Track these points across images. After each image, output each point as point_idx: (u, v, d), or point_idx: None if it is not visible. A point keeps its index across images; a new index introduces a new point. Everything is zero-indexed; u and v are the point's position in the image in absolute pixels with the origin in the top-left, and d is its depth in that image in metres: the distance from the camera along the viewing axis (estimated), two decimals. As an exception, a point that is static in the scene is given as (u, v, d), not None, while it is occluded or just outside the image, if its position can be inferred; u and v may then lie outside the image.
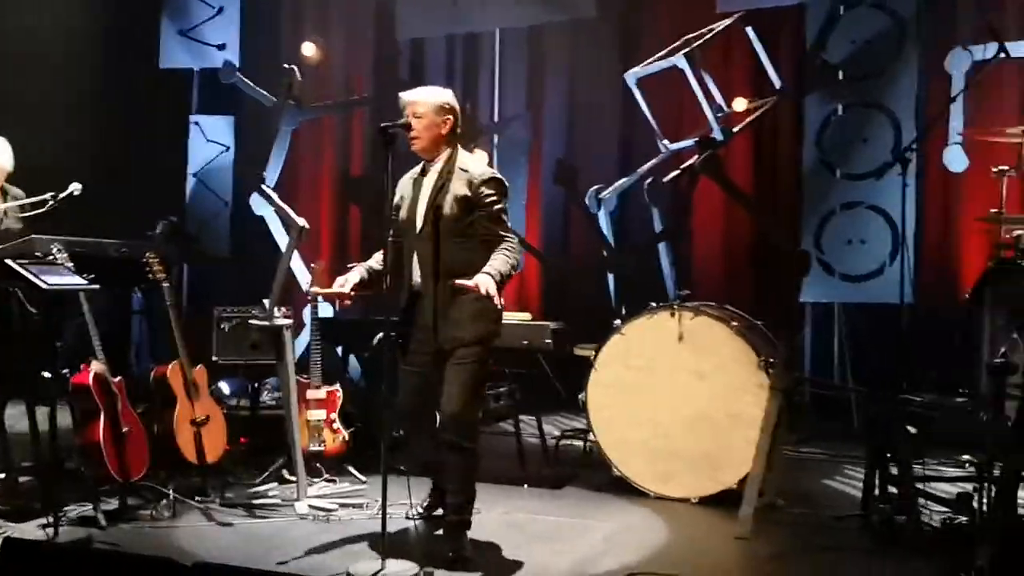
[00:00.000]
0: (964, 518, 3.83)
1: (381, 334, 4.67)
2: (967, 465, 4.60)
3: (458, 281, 3.53)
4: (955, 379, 4.43)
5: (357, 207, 8.24)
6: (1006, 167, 4.43)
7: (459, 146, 3.85)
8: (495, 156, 7.89)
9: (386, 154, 3.71)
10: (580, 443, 5.45)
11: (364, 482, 4.74)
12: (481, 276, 3.48)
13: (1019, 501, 3.59)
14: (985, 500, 3.60)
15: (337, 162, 8.37)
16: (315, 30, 8.06)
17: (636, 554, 3.83)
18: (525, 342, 5.27)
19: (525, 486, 4.86)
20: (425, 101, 3.76)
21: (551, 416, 6.33)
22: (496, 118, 8.11)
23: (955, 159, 6.12)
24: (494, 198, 3.70)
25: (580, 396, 4.92)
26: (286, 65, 7.12)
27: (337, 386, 5.05)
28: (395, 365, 3.87)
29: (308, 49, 7.72)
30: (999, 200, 4.47)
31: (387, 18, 8.24)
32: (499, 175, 3.82)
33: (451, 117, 3.79)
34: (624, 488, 4.71)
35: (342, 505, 4.38)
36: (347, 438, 4.97)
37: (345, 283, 3.84)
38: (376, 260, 3.93)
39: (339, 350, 6.19)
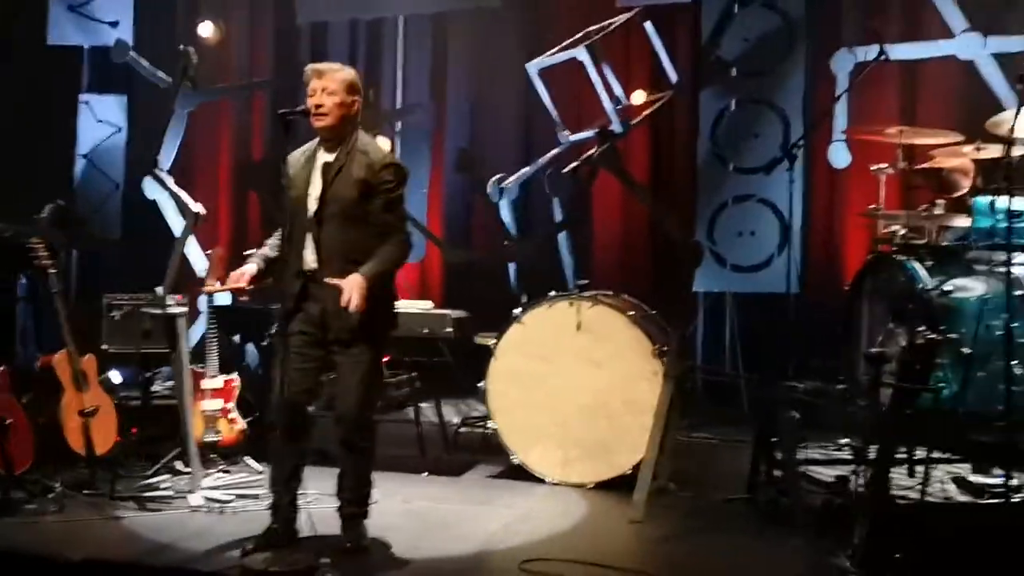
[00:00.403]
0: (841, 499, 4.03)
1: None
2: (846, 449, 4.83)
3: (327, 280, 3.45)
4: (837, 367, 4.66)
5: (256, 193, 8.09)
6: (884, 165, 4.64)
7: (360, 130, 3.73)
8: (398, 143, 7.85)
9: (284, 140, 3.67)
10: (480, 430, 5.51)
11: (261, 473, 4.69)
12: (352, 279, 3.40)
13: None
14: (861, 482, 3.80)
15: (235, 146, 8.19)
16: (213, 10, 7.85)
17: (533, 540, 3.90)
18: (426, 330, 5.29)
19: (425, 474, 4.89)
20: (338, 77, 3.61)
21: (452, 404, 6.37)
22: (399, 105, 8.07)
23: (839, 156, 6.40)
24: (392, 184, 3.60)
25: (480, 384, 4.97)
26: (182, 47, 6.92)
27: (234, 375, 4.97)
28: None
29: (205, 29, 7.52)
30: (878, 196, 4.70)
31: (288, 0, 8.10)
32: (399, 161, 3.77)
33: (359, 98, 3.67)
34: (523, 475, 4.78)
35: (238, 496, 4.33)
36: (244, 428, 4.91)
37: (242, 276, 3.70)
38: (271, 246, 3.79)
39: (236, 338, 6.08)
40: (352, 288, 3.38)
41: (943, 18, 6.21)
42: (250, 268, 3.73)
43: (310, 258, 3.59)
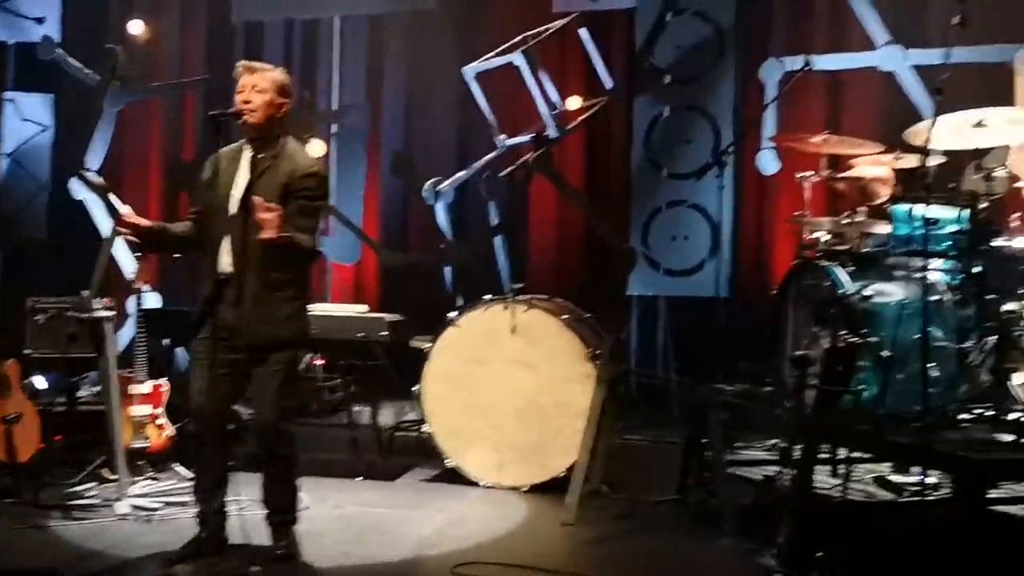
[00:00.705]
0: (768, 499, 4.13)
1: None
2: (773, 450, 4.94)
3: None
4: (765, 369, 4.76)
5: (187, 194, 7.96)
6: (810, 172, 4.77)
7: (290, 136, 3.68)
8: (333, 145, 7.81)
9: (216, 142, 3.62)
10: (415, 434, 5.50)
11: (191, 479, 4.62)
12: (276, 210, 3.30)
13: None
14: (787, 482, 3.90)
15: (166, 147, 8.04)
16: (145, 7, 7.71)
17: (466, 545, 3.92)
18: (361, 334, 5.27)
19: (359, 478, 4.88)
20: (269, 76, 3.58)
21: (387, 407, 6.35)
22: (335, 107, 8.02)
23: (767, 163, 6.55)
24: (312, 193, 3.54)
25: (415, 387, 4.97)
26: (109, 45, 6.78)
27: (163, 380, 4.90)
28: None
29: (136, 27, 7.38)
30: (804, 203, 4.82)
31: (222, -1, 8.00)
32: (325, 173, 3.73)
33: (288, 101, 3.63)
34: (457, 478, 4.80)
35: (166, 504, 4.26)
36: (173, 434, 4.83)
37: (138, 219, 3.56)
38: (174, 225, 3.70)
39: (166, 342, 5.98)
40: (274, 215, 3.28)
41: (866, 31, 6.40)
42: (146, 221, 3.60)
43: (226, 261, 3.49)
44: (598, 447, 4.46)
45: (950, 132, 4.11)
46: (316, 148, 7.39)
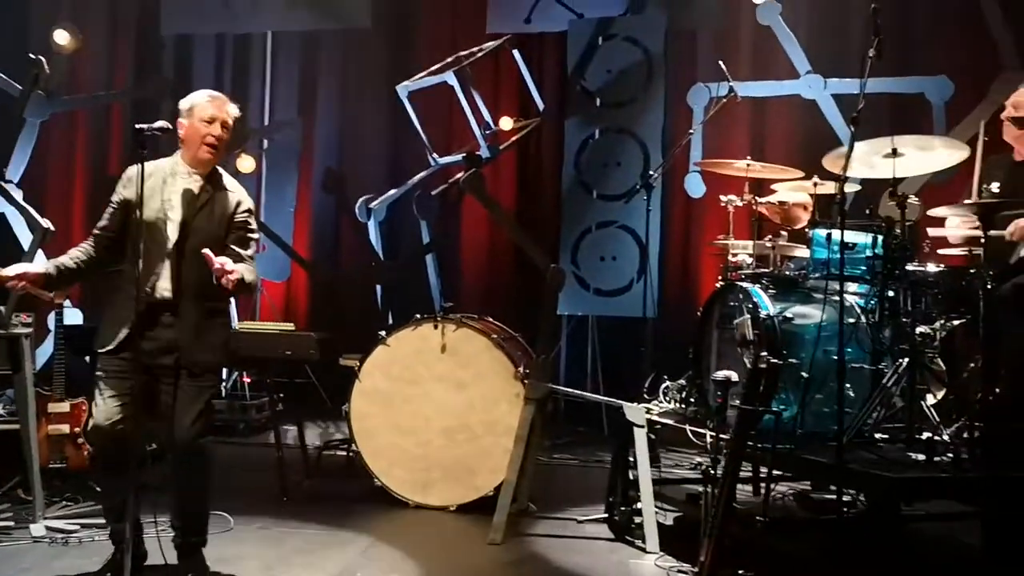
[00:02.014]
0: (691, 517, 4.20)
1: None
2: (697, 468, 5.03)
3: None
4: (690, 389, 4.84)
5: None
6: (733, 196, 4.89)
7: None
8: (263, 161, 7.75)
9: (141, 157, 3.54)
10: (343, 453, 5.46)
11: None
12: (226, 260, 3.37)
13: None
14: (709, 500, 3.97)
15: (92, 159, 7.89)
16: (71, 17, 7.56)
17: (392, 565, 3.90)
18: (288, 352, 5.22)
19: (284, 498, 4.82)
20: (233, 113, 3.64)
21: (315, 426, 6.30)
22: (266, 122, 7.97)
23: (694, 186, 6.71)
24: (252, 225, 3.64)
25: (343, 406, 4.94)
26: (32, 55, 6.62)
27: (83, 399, 4.78)
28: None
29: (61, 36, 7.20)
30: (728, 226, 4.94)
31: (152, 10, 7.89)
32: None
33: None
34: (385, 498, 4.77)
35: (83, 526, 4.15)
36: (92, 454, 4.70)
37: (24, 275, 3.42)
38: (71, 256, 3.56)
39: (87, 359, 5.83)
40: (230, 265, 3.35)
41: (790, 60, 6.61)
42: (36, 268, 3.52)
43: (164, 286, 3.49)
44: (526, 466, 4.49)
45: (865, 160, 4.26)
46: (246, 164, 7.33)
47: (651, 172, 5.91)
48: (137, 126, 3.53)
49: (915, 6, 6.50)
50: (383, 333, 4.97)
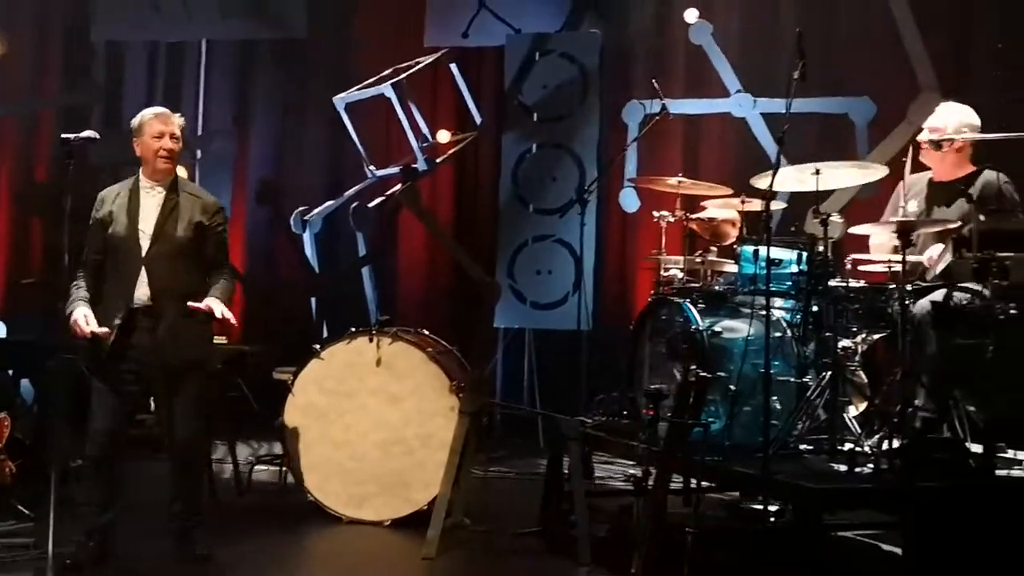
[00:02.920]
0: (623, 529, 4.24)
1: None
2: (630, 480, 5.08)
3: (192, 304, 3.69)
4: (622, 402, 4.91)
5: (40, 218, 7.61)
6: (666, 212, 4.98)
7: None
8: (197, 171, 7.64)
9: (67, 166, 3.58)
10: (275, 468, 5.40)
11: (32, 518, 4.39)
12: (211, 300, 3.72)
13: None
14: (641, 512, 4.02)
15: (18, 168, 7.70)
16: (-5, 21, 7.39)
17: (324, 580, 3.88)
18: (220, 365, 5.14)
19: (215, 516, 4.74)
20: (179, 123, 3.92)
21: (247, 441, 6.21)
22: (199, 132, 7.86)
23: (629, 201, 6.81)
24: (224, 227, 3.96)
25: (277, 421, 4.89)
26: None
27: (3, 413, 4.65)
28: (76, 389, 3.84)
29: (-15, 41, 7.07)
30: (660, 241, 5.03)
31: (81, 16, 7.74)
32: None
33: None
34: (318, 513, 4.73)
35: (3, 546, 4.04)
36: (13, 470, 4.58)
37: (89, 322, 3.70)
38: (87, 296, 3.81)
39: (10, 372, 5.68)
40: (218, 306, 3.72)
41: (721, 79, 6.76)
42: (97, 327, 3.70)
43: (142, 292, 3.76)
44: (461, 480, 4.49)
45: (792, 178, 4.39)
46: (179, 173, 7.21)
47: (586, 187, 5.99)
48: (64, 136, 3.52)
49: (839, 29, 6.69)
50: (317, 346, 4.94)
